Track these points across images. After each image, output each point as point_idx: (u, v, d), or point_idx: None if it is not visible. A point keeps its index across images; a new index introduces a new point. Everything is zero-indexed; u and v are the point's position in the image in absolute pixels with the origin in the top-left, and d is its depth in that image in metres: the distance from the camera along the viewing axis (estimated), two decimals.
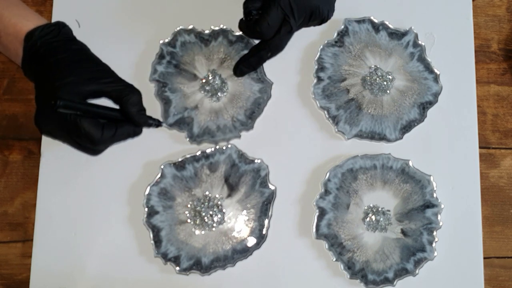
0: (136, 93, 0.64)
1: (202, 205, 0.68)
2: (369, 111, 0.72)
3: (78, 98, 0.62)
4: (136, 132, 0.66)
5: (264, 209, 0.69)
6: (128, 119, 0.64)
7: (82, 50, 0.66)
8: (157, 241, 0.67)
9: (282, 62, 0.73)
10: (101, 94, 0.64)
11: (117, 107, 0.65)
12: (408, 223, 0.69)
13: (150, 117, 0.67)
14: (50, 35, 0.64)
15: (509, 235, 0.73)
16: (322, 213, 0.69)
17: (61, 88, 0.61)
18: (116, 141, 0.65)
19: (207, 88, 0.71)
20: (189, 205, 0.68)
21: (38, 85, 0.64)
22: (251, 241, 0.68)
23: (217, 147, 0.69)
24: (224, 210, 0.68)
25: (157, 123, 0.67)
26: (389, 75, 0.72)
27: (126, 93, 0.64)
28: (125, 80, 0.65)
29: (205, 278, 0.68)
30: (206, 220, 0.68)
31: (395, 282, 0.68)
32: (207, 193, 0.69)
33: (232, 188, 0.69)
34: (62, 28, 0.65)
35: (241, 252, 0.68)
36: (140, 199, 0.68)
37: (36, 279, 0.68)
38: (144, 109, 0.65)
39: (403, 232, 0.69)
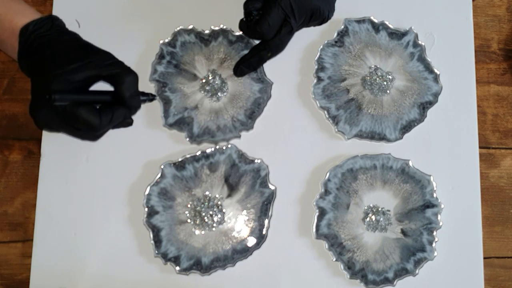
0: (131, 76, 0.63)
1: (202, 205, 0.68)
2: (369, 111, 0.72)
3: (73, 87, 0.62)
4: (132, 113, 0.66)
5: (264, 209, 0.69)
6: (122, 102, 0.64)
7: (75, 40, 0.66)
8: (157, 241, 0.67)
9: (282, 62, 0.73)
10: (97, 78, 0.64)
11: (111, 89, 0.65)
12: (408, 223, 0.69)
13: (143, 93, 0.66)
14: (43, 28, 0.64)
15: (509, 235, 0.73)
16: (322, 213, 0.69)
17: (55, 78, 0.61)
18: (114, 123, 0.65)
19: (207, 88, 0.71)
20: (189, 205, 0.68)
21: (33, 78, 0.64)
22: (251, 241, 0.68)
23: (217, 147, 0.69)
24: (224, 210, 0.68)
25: (151, 98, 0.67)
26: (389, 75, 0.72)
27: (121, 76, 0.63)
28: (123, 62, 0.65)
29: (205, 278, 0.68)
30: (206, 220, 0.68)
31: (395, 282, 0.68)
32: (207, 193, 0.69)
33: (232, 188, 0.69)
34: (55, 21, 0.65)
35: (241, 252, 0.68)
36: (140, 199, 0.68)
37: (36, 279, 0.68)
38: (138, 93, 0.65)
39: (403, 232, 0.69)
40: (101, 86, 0.66)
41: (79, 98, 0.61)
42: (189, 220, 0.68)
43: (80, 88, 0.63)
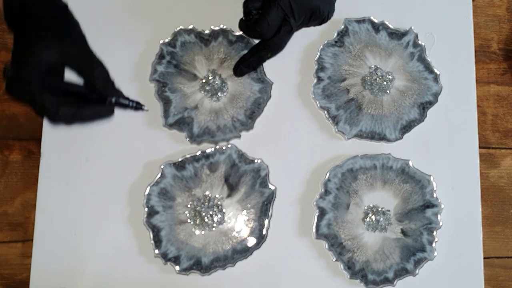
0: (101, 67, 0.59)
1: (202, 205, 0.68)
2: (369, 111, 0.72)
3: (43, 67, 0.57)
4: (107, 112, 0.60)
5: (264, 209, 0.69)
6: (97, 95, 0.59)
7: (59, 13, 0.61)
8: (157, 241, 0.67)
9: (282, 62, 0.73)
10: (65, 65, 0.59)
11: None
12: (408, 223, 0.69)
13: (127, 98, 0.61)
14: None
15: (509, 235, 0.73)
16: (322, 213, 0.69)
17: (27, 52, 0.57)
18: (79, 120, 0.59)
19: (207, 88, 0.71)
20: (189, 205, 0.68)
21: (14, 41, 0.59)
22: (251, 241, 0.68)
23: (217, 147, 0.69)
24: (224, 210, 0.68)
25: (135, 105, 0.61)
26: (389, 75, 0.72)
27: (90, 66, 0.59)
28: (95, 54, 0.60)
29: (205, 278, 0.68)
30: (206, 220, 0.68)
31: (395, 282, 0.68)
32: (207, 193, 0.69)
33: (232, 188, 0.69)
34: None
35: (241, 252, 0.68)
36: (140, 199, 0.68)
37: (36, 279, 0.68)
38: (111, 82, 0.60)
39: (403, 232, 0.69)
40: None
41: (37, 81, 0.56)
42: (189, 220, 0.68)
43: (47, 71, 0.58)
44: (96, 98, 0.59)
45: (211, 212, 0.68)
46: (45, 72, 0.58)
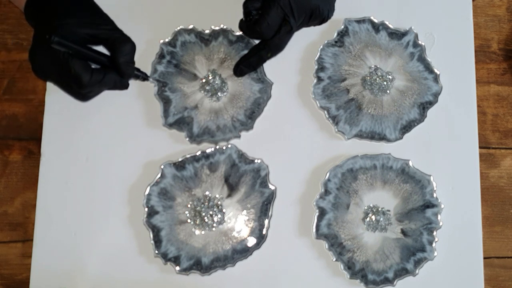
0: (130, 44, 0.65)
1: (202, 205, 0.68)
2: (369, 111, 0.72)
3: (75, 40, 0.62)
4: (123, 83, 0.66)
5: (264, 209, 0.69)
6: (116, 68, 0.64)
7: None
8: (157, 241, 0.67)
9: (282, 62, 0.73)
10: (96, 39, 0.64)
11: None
12: (408, 223, 0.69)
13: (138, 69, 0.67)
14: None
15: (509, 235, 0.73)
16: (322, 213, 0.69)
17: (59, 27, 0.62)
18: (103, 87, 0.65)
19: (207, 88, 0.71)
20: (189, 205, 0.68)
21: (37, 26, 0.64)
22: (251, 241, 0.68)
23: (217, 147, 0.69)
24: (224, 210, 0.68)
25: (144, 76, 0.68)
26: (389, 75, 0.72)
27: (120, 42, 0.64)
28: (123, 31, 0.66)
29: (205, 278, 0.68)
30: (206, 220, 0.68)
31: (395, 282, 0.68)
32: (207, 193, 0.69)
33: (232, 188, 0.69)
34: None
35: (241, 252, 0.68)
36: (140, 199, 0.68)
37: (36, 279, 0.68)
38: (133, 62, 0.65)
39: (403, 232, 0.69)
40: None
41: (76, 48, 0.61)
42: (189, 220, 0.68)
43: (80, 43, 0.63)
44: (115, 68, 0.64)
45: (211, 212, 0.68)
46: (77, 41, 0.62)
